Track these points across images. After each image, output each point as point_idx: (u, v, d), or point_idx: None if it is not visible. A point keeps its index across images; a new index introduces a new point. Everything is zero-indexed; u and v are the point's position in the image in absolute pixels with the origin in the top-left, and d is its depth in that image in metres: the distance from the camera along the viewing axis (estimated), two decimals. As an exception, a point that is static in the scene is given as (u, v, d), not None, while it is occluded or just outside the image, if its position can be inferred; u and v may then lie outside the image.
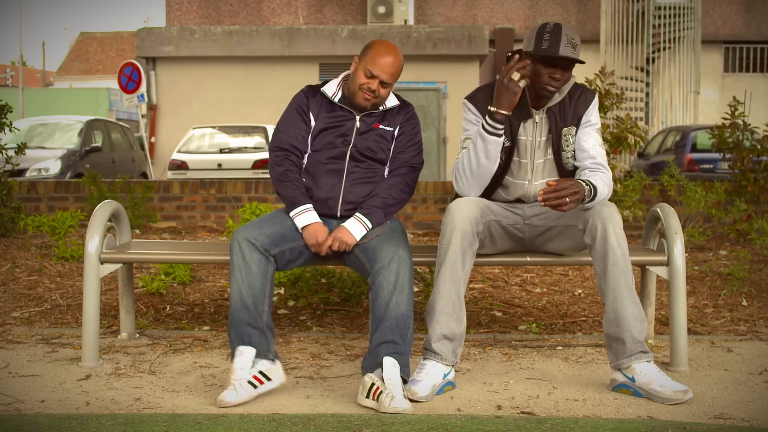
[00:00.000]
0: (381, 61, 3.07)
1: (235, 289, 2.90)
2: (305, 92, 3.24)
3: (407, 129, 3.24)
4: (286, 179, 3.10)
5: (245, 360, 2.82)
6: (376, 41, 3.16)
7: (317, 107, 3.20)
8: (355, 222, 3.04)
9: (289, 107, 3.24)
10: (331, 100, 3.19)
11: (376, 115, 3.20)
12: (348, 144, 3.15)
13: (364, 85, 3.09)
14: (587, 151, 3.08)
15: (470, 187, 3.06)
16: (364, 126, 3.17)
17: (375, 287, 2.91)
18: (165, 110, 16.83)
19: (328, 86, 3.23)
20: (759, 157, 6.63)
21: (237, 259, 2.92)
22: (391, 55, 3.09)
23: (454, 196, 3.31)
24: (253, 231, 2.97)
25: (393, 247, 2.96)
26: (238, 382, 2.76)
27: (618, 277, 2.90)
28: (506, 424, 2.45)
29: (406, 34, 16.39)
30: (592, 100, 3.14)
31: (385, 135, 3.19)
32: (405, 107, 3.27)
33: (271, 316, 2.95)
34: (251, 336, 2.86)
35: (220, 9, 19.88)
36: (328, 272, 4.35)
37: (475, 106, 3.12)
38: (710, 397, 2.88)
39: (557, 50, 2.92)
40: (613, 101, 5.86)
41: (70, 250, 5.31)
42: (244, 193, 7.73)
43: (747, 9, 20.35)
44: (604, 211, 2.93)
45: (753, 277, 4.84)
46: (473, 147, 3.02)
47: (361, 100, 3.12)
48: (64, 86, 39.79)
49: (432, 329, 2.96)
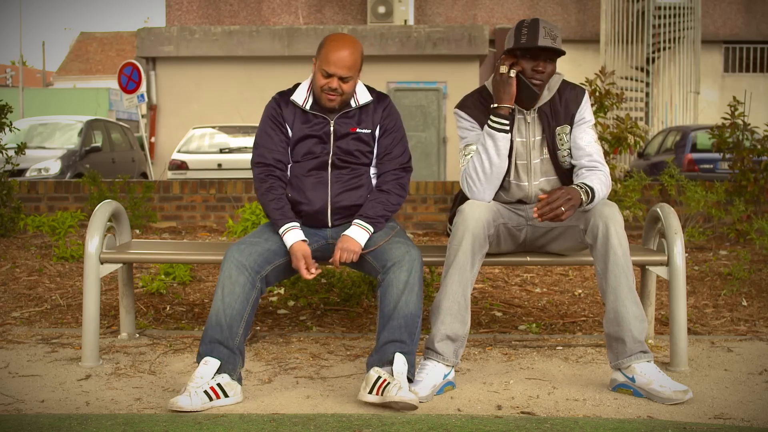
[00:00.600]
0: (333, 57, 2.98)
1: (215, 306, 2.87)
2: (276, 101, 3.16)
3: (389, 126, 3.16)
4: (271, 196, 3.06)
5: (208, 370, 2.76)
6: (328, 37, 3.07)
7: (291, 116, 3.12)
8: (357, 229, 3.01)
9: (263, 120, 3.16)
10: (302, 108, 3.12)
11: (351, 115, 3.12)
12: (328, 152, 3.09)
13: (325, 85, 3.02)
14: (583, 149, 3.08)
15: (484, 190, 3.05)
16: (341, 130, 3.10)
17: (384, 284, 2.89)
18: (165, 110, 16.83)
19: (298, 93, 3.14)
20: (759, 157, 6.64)
21: (224, 277, 2.89)
22: (343, 49, 3.00)
23: (455, 197, 3.31)
24: (246, 250, 2.94)
25: (405, 247, 2.95)
26: (194, 390, 2.70)
27: (619, 276, 2.90)
28: (506, 424, 2.45)
29: (406, 34, 16.39)
30: (583, 96, 3.14)
31: (364, 138, 3.13)
32: (380, 102, 3.18)
33: (246, 336, 2.90)
34: (220, 352, 2.81)
35: (220, 9, 19.87)
36: (328, 272, 4.35)
37: (467, 113, 3.13)
38: (710, 397, 2.88)
39: (536, 41, 2.94)
40: (613, 101, 5.86)
41: (70, 250, 5.31)
42: (244, 193, 7.73)
43: (747, 9, 20.35)
44: (605, 210, 2.93)
45: (753, 277, 4.84)
46: (482, 149, 3.02)
47: (326, 101, 3.06)
48: (63, 86, 39.77)
49: (436, 329, 2.95)
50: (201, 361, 2.81)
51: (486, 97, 3.14)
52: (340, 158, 3.10)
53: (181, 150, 12.67)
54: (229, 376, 2.79)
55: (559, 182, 3.15)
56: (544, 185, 3.16)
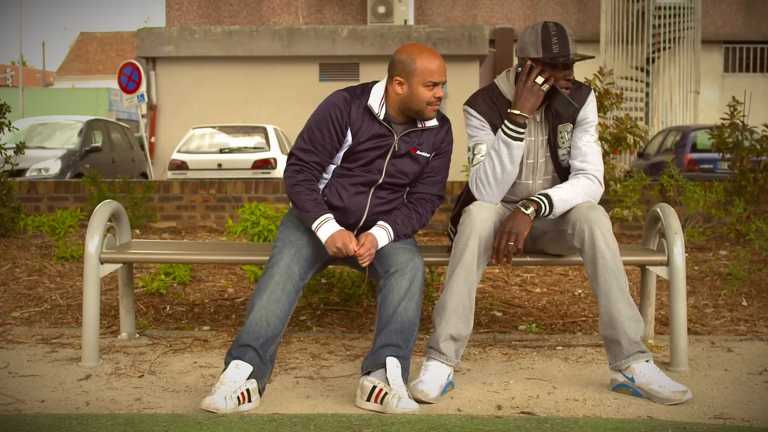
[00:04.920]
0: (434, 66, 2.93)
1: (257, 310, 2.79)
2: (346, 100, 3.00)
3: (443, 150, 3.12)
4: (304, 188, 2.97)
5: (240, 375, 2.73)
6: (411, 50, 2.96)
7: (360, 121, 2.99)
8: (382, 232, 2.99)
9: (322, 113, 3.00)
10: (375, 115, 3.00)
11: (415, 135, 3.05)
12: (381, 170, 3.02)
13: (432, 96, 2.94)
14: (579, 149, 3.09)
15: (494, 194, 3.05)
16: (402, 148, 3.03)
17: (386, 290, 2.88)
18: (165, 110, 16.83)
19: (373, 98, 3.01)
20: (758, 157, 6.64)
21: (272, 282, 2.82)
22: (436, 56, 2.95)
23: (458, 197, 3.30)
24: (298, 253, 2.90)
25: (409, 254, 2.94)
26: (229, 395, 2.65)
27: (609, 279, 2.90)
28: (506, 424, 2.45)
29: (406, 34, 16.39)
30: (588, 95, 3.12)
31: (420, 160, 3.07)
32: (444, 125, 3.12)
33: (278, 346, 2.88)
34: (253, 359, 2.77)
35: (220, 9, 19.87)
36: (328, 272, 4.35)
37: (477, 111, 3.09)
38: (710, 397, 2.88)
39: (568, 51, 2.91)
40: (613, 101, 5.86)
41: (70, 250, 5.31)
42: (244, 193, 7.73)
43: (747, 9, 20.35)
44: (590, 214, 2.93)
45: (753, 277, 4.84)
46: (495, 155, 3.00)
47: (431, 113, 2.99)
48: (64, 86, 39.78)
49: (441, 328, 2.95)
50: (232, 363, 2.75)
51: (497, 96, 3.11)
52: (388, 180, 3.04)
53: (181, 150, 12.67)
54: (257, 382, 2.76)
55: (559, 180, 3.15)
56: (546, 183, 3.16)
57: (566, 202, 2.99)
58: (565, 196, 2.99)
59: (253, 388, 2.74)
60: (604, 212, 2.97)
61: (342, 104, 2.99)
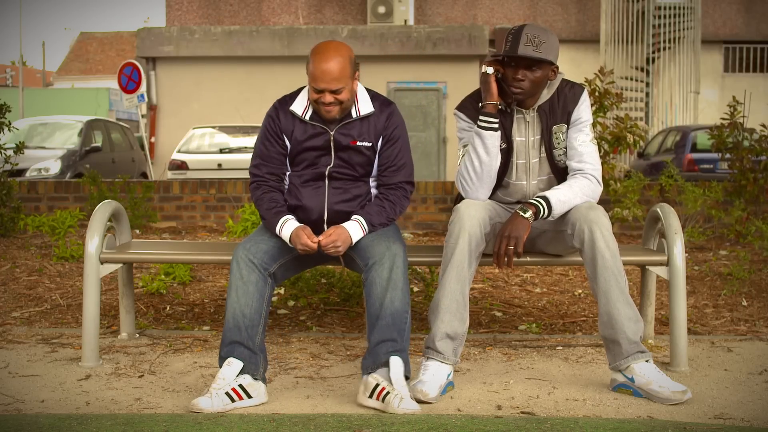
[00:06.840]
0: (318, 72, 2.89)
1: (230, 308, 2.87)
2: (276, 110, 3.09)
3: (391, 136, 3.09)
4: (265, 198, 3.05)
5: (230, 371, 2.77)
6: (312, 50, 2.97)
7: (290, 126, 3.05)
8: (355, 224, 2.98)
9: (262, 130, 3.12)
10: (302, 119, 3.05)
11: (352, 126, 3.05)
12: (327, 164, 3.05)
13: (318, 100, 2.96)
14: (575, 149, 3.10)
15: (477, 188, 3.07)
16: (342, 141, 3.04)
17: (368, 283, 2.88)
18: (165, 110, 16.83)
19: (297, 103, 3.07)
20: (758, 157, 6.64)
21: (235, 278, 2.89)
22: (327, 61, 2.89)
23: (456, 197, 3.31)
24: (253, 247, 2.94)
25: (385, 243, 2.92)
26: (216, 391, 2.70)
27: (608, 279, 2.90)
28: (506, 424, 2.45)
29: (406, 34, 16.39)
30: (581, 94, 3.13)
31: (364, 151, 3.07)
32: (383, 111, 3.09)
33: (265, 334, 2.91)
34: (241, 353, 2.82)
35: (220, 9, 19.87)
36: (328, 272, 4.35)
37: (466, 114, 3.15)
38: (710, 397, 2.88)
39: (516, 50, 2.96)
40: (613, 101, 5.86)
41: (70, 250, 5.31)
42: (244, 193, 7.72)
43: (747, 9, 20.34)
44: (590, 214, 2.94)
45: (753, 277, 4.84)
46: (471, 148, 3.06)
47: (325, 114, 2.99)
48: (63, 86, 39.77)
49: (436, 327, 2.95)
50: (224, 363, 2.81)
51: None
52: (338, 171, 3.06)
53: (181, 150, 12.67)
54: (252, 376, 2.79)
55: (556, 181, 3.16)
56: (542, 184, 3.16)
57: (565, 204, 3.00)
58: (563, 198, 3.00)
59: (248, 383, 2.77)
60: (604, 212, 2.97)
61: (273, 114, 3.10)
